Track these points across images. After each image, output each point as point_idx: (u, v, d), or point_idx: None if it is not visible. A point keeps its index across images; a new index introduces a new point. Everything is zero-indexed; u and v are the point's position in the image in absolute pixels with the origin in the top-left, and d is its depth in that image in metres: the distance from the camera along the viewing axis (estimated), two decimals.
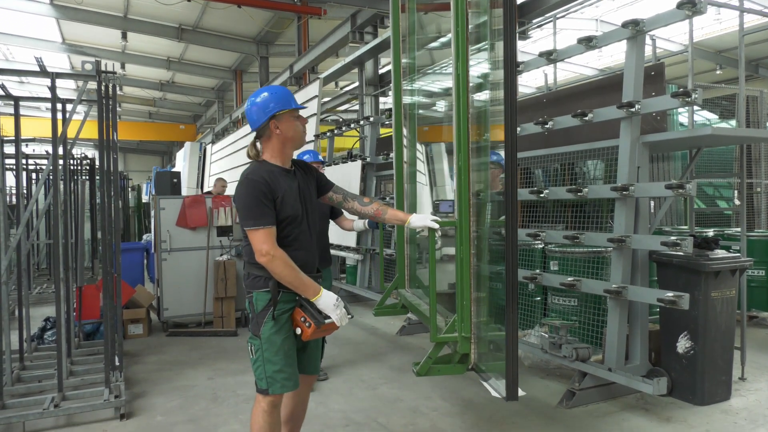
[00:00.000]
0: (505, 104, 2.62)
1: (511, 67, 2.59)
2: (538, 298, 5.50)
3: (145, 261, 8.68)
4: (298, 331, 2.61)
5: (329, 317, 2.60)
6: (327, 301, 2.60)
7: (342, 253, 7.72)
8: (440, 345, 2.95)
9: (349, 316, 2.69)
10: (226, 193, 8.64)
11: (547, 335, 4.45)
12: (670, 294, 3.58)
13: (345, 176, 7.77)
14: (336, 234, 6.50)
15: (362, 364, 5.19)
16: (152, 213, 7.16)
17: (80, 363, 5.04)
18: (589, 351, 4.15)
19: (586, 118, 4.20)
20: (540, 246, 5.42)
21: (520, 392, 2.66)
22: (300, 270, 2.59)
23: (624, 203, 4.05)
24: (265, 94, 2.69)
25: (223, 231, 6.98)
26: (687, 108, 4.50)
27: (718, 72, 14.70)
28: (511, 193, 2.62)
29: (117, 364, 4.61)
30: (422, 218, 2.85)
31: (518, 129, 4.74)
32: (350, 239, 7.38)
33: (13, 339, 4.94)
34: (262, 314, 2.62)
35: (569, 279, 4.26)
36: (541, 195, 4.49)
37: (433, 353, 2.91)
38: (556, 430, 3.66)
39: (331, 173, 8.18)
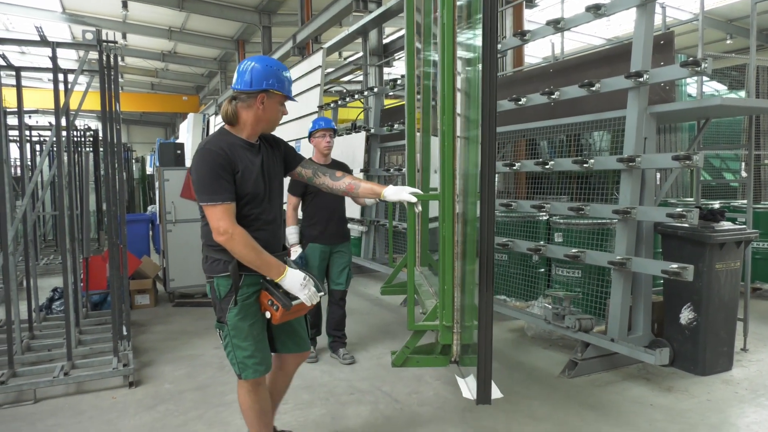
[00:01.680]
0: (483, 62, 2.27)
1: (492, 21, 2.24)
2: (542, 270, 5.52)
3: (151, 232, 8.71)
4: (268, 315, 2.47)
5: (297, 298, 2.44)
6: (293, 280, 2.43)
7: (353, 226, 7.73)
8: (419, 333, 2.70)
9: (320, 293, 2.53)
10: None
11: (550, 306, 4.48)
12: (674, 266, 3.59)
13: (349, 148, 7.74)
14: (348, 207, 6.49)
15: (367, 334, 5.25)
16: (156, 184, 7.16)
17: (88, 332, 5.11)
18: (592, 322, 4.18)
19: (593, 89, 4.14)
20: (544, 218, 5.42)
21: (497, 394, 2.43)
22: (262, 249, 2.41)
23: (630, 175, 4.02)
24: (271, 66, 2.50)
25: None
26: (696, 78, 4.44)
27: (728, 41, 14.44)
28: (488, 171, 2.28)
29: (125, 333, 4.67)
30: (398, 191, 2.59)
31: (523, 99, 4.70)
32: (355, 211, 7.38)
33: (22, 309, 5.01)
34: (226, 300, 2.45)
35: (573, 251, 4.27)
36: (547, 166, 4.46)
37: (410, 342, 2.66)
38: (558, 398, 3.71)
39: (334, 145, 8.13)
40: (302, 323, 2.77)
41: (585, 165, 4.17)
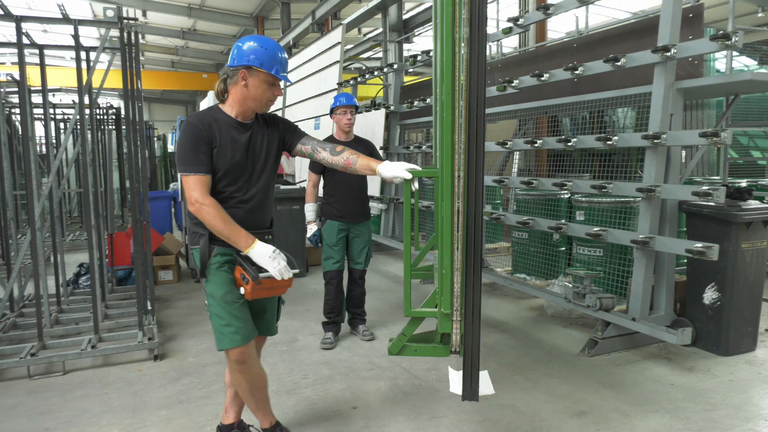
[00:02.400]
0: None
1: None
2: (563, 248, 5.49)
3: (173, 209, 8.83)
4: (242, 290, 2.45)
5: (266, 271, 2.39)
6: (260, 252, 2.39)
7: (373, 204, 7.74)
8: (417, 320, 2.56)
9: (295, 270, 2.45)
10: None
11: (570, 285, 4.46)
12: (699, 245, 3.53)
13: (368, 125, 7.70)
14: (369, 185, 6.49)
15: (387, 311, 5.28)
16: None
17: (114, 307, 5.23)
18: (613, 301, 4.15)
19: (618, 64, 4.05)
20: (566, 196, 5.36)
21: (487, 389, 2.31)
22: (232, 221, 2.41)
23: (655, 152, 3.94)
24: (256, 44, 2.46)
25: None
26: (725, 53, 4.32)
27: (759, 14, 13.90)
28: (476, 152, 2.14)
29: (149, 308, 4.77)
30: (394, 167, 2.45)
31: (546, 75, 4.61)
32: (375, 189, 7.38)
33: (50, 284, 5.13)
34: (203, 271, 2.52)
35: (595, 229, 4.22)
36: (569, 144, 4.40)
37: (407, 329, 2.54)
38: (577, 376, 3.71)
39: (354, 122, 8.09)
40: (274, 306, 2.78)
41: (609, 142, 4.11)
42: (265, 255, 2.38)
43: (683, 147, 4.47)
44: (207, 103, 17.93)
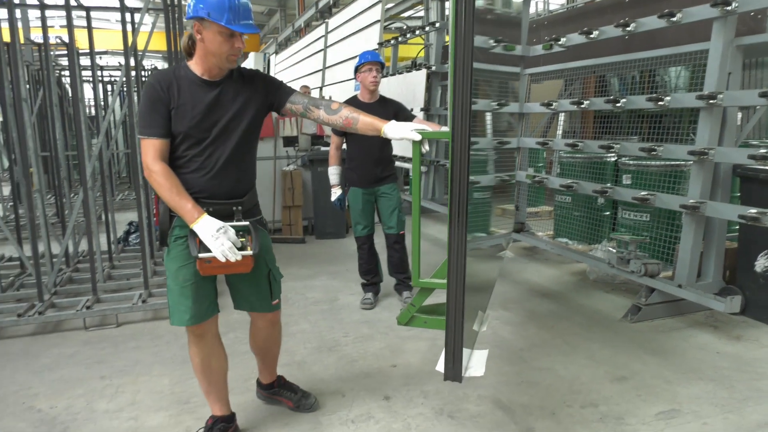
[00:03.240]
0: None
1: None
2: (607, 213, 5.36)
3: None
4: None
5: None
6: (203, 228, 2.13)
7: (406, 165, 7.71)
8: (426, 291, 2.42)
9: (245, 252, 2.18)
10: None
11: (614, 250, 4.37)
12: (753, 210, 3.39)
13: (409, 86, 7.60)
14: (399, 145, 6.45)
15: (425, 274, 5.29)
16: None
17: (162, 264, 5.42)
18: (658, 267, 4.05)
19: (674, 19, 3.84)
20: (612, 159, 5.21)
21: (474, 372, 2.15)
22: (182, 191, 2.19)
23: (710, 113, 3.77)
24: None
25: (289, 141, 7.09)
26: None
27: None
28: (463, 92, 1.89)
29: None
30: (400, 127, 2.27)
31: (595, 33, 4.43)
32: (406, 149, 7.33)
33: (101, 241, 5.34)
34: (163, 240, 2.38)
35: (642, 193, 4.10)
36: (618, 105, 4.24)
37: (416, 300, 2.43)
38: (619, 342, 3.67)
39: (394, 83, 8.02)
40: (259, 282, 2.49)
41: (660, 103, 3.94)
42: (208, 233, 2.12)
43: (740, 108, 4.27)
44: (247, 64, 17.98)
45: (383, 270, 4.66)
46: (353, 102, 4.33)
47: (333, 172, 4.43)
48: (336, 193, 4.42)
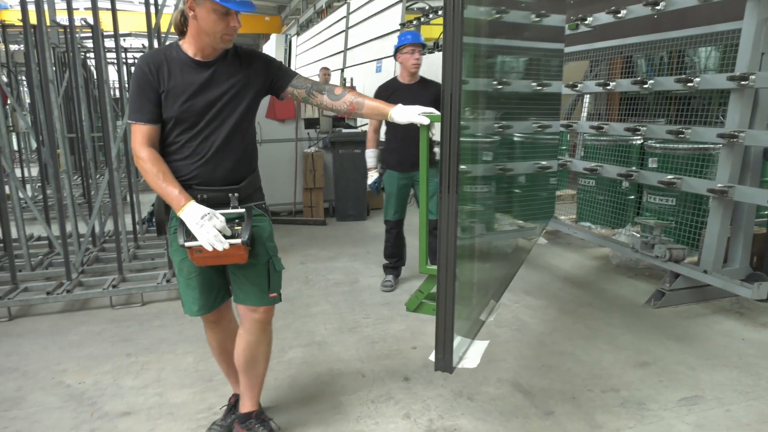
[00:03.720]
0: None
1: None
2: (632, 197, 5.28)
3: None
4: None
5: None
6: (188, 216, 2.02)
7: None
8: (434, 278, 2.26)
9: (234, 241, 2.03)
10: (330, 82, 8.68)
11: (638, 234, 4.31)
12: None
13: (431, 67, 7.49)
14: None
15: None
16: None
17: None
18: (683, 252, 3.99)
19: None
20: (638, 142, 5.11)
21: (466, 363, 2.08)
22: (171, 178, 2.09)
23: (741, 95, 3.66)
24: None
25: (311, 123, 7.09)
26: None
27: None
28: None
29: None
30: (407, 111, 2.18)
31: (623, 12, 4.33)
32: None
33: (126, 221, 5.44)
34: (160, 229, 2.31)
35: (669, 177, 4.02)
36: (645, 86, 4.15)
37: (424, 286, 2.38)
38: (641, 327, 3.63)
39: None
40: (252, 273, 2.27)
41: (689, 84, 3.84)
42: (193, 221, 2.01)
43: None
44: (269, 46, 17.98)
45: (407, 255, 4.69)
46: (393, 84, 4.29)
47: (370, 155, 4.40)
48: (372, 176, 4.39)
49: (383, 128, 4.44)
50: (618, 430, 2.55)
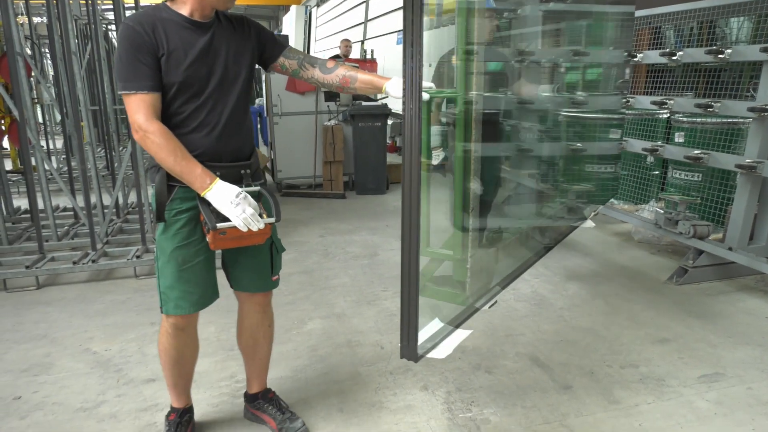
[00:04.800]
0: None
1: None
2: (656, 172, 5.19)
3: (259, 125, 9.07)
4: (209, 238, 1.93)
5: (229, 220, 1.84)
6: (220, 195, 1.83)
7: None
8: (436, 260, 2.19)
9: (269, 220, 1.92)
10: (351, 56, 8.62)
11: (662, 210, 4.24)
12: None
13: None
14: None
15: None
16: (263, 78, 7.32)
17: None
18: (708, 228, 3.92)
19: None
20: (665, 116, 5.00)
21: (435, 353, 1.97)
22: (187, 154, 1.85)
23: None
24: None
25: (331, 96, 7.05)
26: None
27: None
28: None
29: None
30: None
31: None
32: None
33: (149, 193, 5.50)
34: (159, 214, 2.00)
35: (696, 152, 3.93)
36: (674, 58, 4.03)
37: (426, 269, 2.23)
38: (662, 304, 3.60)
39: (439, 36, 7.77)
40: (262, 258, 2.20)
41: (720, 56, 3.73)
42: (226, 200, 1.82)
43: None
44: (289, 18, 17.81)
45: None
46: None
47: (434, 132, 4.29)
48: (439, 156, 4.25)
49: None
50: (636, 405, 2.55)
